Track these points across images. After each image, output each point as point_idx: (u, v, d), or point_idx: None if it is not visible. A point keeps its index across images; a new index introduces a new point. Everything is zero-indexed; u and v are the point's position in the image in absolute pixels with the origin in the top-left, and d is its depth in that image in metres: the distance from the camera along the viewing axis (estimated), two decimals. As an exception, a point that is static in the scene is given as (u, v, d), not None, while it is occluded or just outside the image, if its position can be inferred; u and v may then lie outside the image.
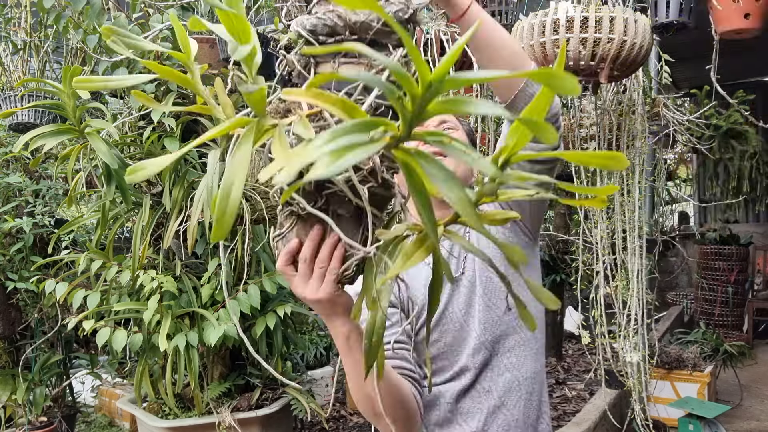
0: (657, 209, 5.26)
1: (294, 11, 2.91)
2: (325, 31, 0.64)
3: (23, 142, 2.21)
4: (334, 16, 0.64)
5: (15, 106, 2.84)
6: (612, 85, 2.74)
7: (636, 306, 2.76)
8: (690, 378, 3.77)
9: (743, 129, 4.57)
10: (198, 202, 2.34)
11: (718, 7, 2.17)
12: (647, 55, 2.03)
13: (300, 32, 0.65)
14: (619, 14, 1.90)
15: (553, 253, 5.28)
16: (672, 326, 5.09)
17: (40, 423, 3.28)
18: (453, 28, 2.23)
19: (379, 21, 0.63)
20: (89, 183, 2.98)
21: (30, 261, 3.14)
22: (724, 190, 5.20)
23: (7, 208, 3.09)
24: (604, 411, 3.07)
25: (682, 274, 7.07)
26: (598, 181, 2.79)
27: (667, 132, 3.53)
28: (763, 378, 4.80)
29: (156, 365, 2.81)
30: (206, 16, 2.82)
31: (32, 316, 3.30)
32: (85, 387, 4.05)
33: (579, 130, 2.90)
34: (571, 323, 6.23)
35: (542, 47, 1.96)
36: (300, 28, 0.65)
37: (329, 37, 0.64)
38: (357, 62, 0.65)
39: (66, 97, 2.23)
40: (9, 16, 3.11)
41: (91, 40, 2.56)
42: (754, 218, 7.70)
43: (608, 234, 2.81)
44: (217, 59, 2.53)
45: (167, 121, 2.51)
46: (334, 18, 0.63)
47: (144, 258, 2.56)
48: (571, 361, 5.68)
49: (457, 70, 2.22)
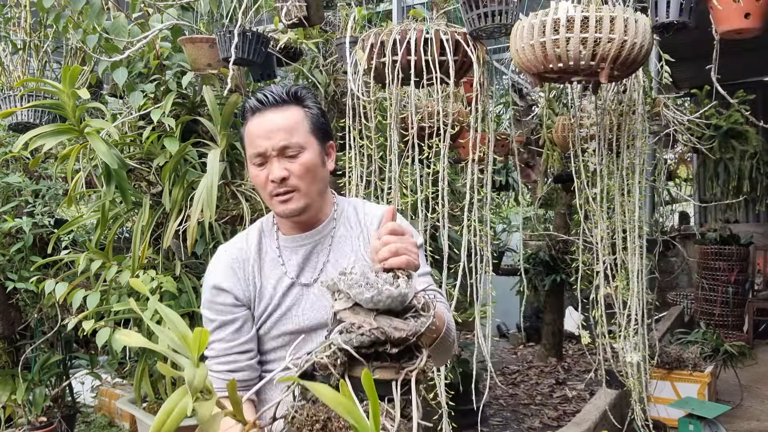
0: (657, 209, 5.26)
1: (294, 11, 2.90)
2: (367, 344, 0.78)
3: (23, 141, 2.21)
4: (379, 333, 0.78)
5: (15, 106, 2.84)
6: (612, 85, 2.73)
7: (636, 306, 2.75)
8: (690, 378, 3.77)
9: (744, 129, 4.57)
10: (198, 202, 2.34)
11: (718, 7, 2.17)
12: (647, 55, 2.03)
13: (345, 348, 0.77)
14: (620, 14, 1.90)
15: (553, 253, 5.29)
16: (672, 326, 5.09)
17: (39, 423, 3.28)
18: (453, 27, 2.23)
19: (413, 335, 0.79)
20: (89, 183, 2.97)
21: (30, 261, 3.13)
22: (724, 190, 5.20)
23: (6, 208, 3.09)
24: (604, 411, 3.07)
25: (683, 274, 7.07)
26: (598, 180, 2.79)
27: (668, 132, 3.52)
28: (763, 378, 4.79)
29: (156, 365, 2.81)
30: (206, 16, 2.82)
31: (32, 316, 3.30)
32: (85, 387, 4.05)
33: (579, 130, 2.90)
34: (571, 323, 6.24)
35: (542, 47, 1.96)
36: (348, 347, 0.77)
37: (369, 348, 0.78)
38: (389, 365, 0.78)
39: (66, 96, 2.22)
40: (9, 15, 3.11)
41: (91, 40, 2.56)
42: (754, 218, 7.70)
43: (608, 234, 2.81)
44: (217, 59, 2.53)
45: (167, 121, 2.51)
46: (378, 334, 0.77)
47: (144, 258, 2.56)
48: (572, 361, 5.68)
49: (457, 70, 2.22)
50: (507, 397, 4.66)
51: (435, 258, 2.50)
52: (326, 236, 1.30)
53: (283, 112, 1.22)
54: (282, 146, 1.20)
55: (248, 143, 1.24)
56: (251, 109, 1.24)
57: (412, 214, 2.42)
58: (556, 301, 5.47)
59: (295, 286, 1.27)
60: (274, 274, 1.27)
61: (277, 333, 1.26)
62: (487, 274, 2.41)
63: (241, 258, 1.28)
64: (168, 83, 2.67)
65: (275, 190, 1.22)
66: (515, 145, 3.03)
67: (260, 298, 1.27)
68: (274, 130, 1.20)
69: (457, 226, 2.52)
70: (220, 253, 1.31)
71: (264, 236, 1.32)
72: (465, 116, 2.95)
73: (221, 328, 1.25)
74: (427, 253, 2.39)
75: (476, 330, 2.36)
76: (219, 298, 1.26)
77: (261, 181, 1.23)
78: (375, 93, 2.41)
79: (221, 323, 1.25)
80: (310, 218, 1.27)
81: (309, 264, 1.28)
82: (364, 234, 1.31)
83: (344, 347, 0.77)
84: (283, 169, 1.20)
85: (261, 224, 1.35)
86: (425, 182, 2.34)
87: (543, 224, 6.00)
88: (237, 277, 1.26)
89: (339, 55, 2.85)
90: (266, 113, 1.22)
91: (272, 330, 1.26)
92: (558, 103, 4.12)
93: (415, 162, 2.30)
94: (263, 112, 1.23)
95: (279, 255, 1.29)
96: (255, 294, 1.27)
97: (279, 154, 1.20)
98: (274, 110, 1.22)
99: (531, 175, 4.86)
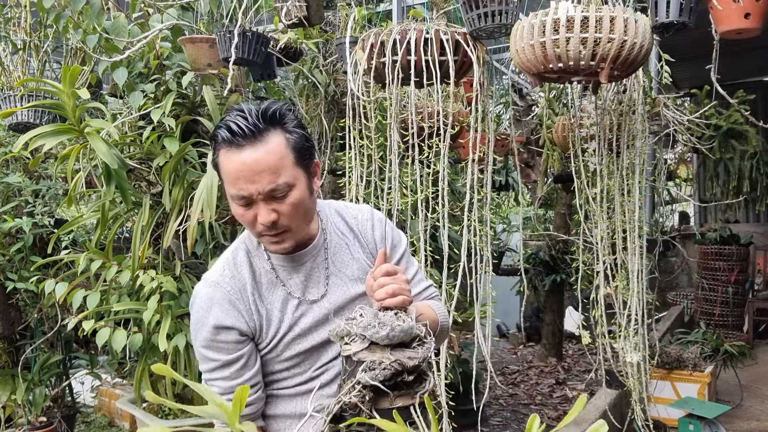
0: (657, 209, 5.26)
1: (294, 11, 2.90)
2: (389, 377, 0.89)
3: (23, 141, 2.21)
4: (397, 365, 0.89)
5: (15, 106, 2.84)
6: (612, 84, 2.73)
7: (636, 306, 2.75)
8: (690, 378, 3.77)
9: (743, 129, 4.57)
10: (198, 202, 2.34)
11: (718, 7, 2.17)
12: (647, 55, 2.03)
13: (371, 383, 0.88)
14: (620, 14, 1.90)
15: (554, 253, 5.29)
16: (672, 326, 5.09)
17: (39, 423, 3.27)
18: (453, 27, 2.23)
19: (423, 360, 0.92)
20: (89, 183, 2.97)
21: (30, 261, 3.13)
22: (724, 190, 5.20)
23: (6, 208, 3.09)
24: (604, 411, 3.07)
25: (683, 274, 7.06)
26: (598, 180, 2.79)
27: (668, 132, 3.53)
28: (763, 378, 4.79)
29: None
30: (206, 16, 2.82)
31: (32, 316, 3.30)
32: (85, 387, 4.05)
33: (579, 130, 2.90)
34: (571, 323, 6.24)
35: (542, 47, 1.96)
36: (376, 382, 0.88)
37: (390, 380, 0.89)
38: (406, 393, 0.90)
39: (66, 96, 2.22)
40: (9, 15, 3.11)
41: (91, 40, 2.56)
42: (754, 218, 7.70)
43: (608, 234, 2.81)
44: (217, 59, 2.53)
45: (167, 120, 2.51)
46: (397, 366, 0.89)
47: (144, 258, 2.56)
48: (572, 361, 5.68)
49: (457, 70, 2.22)
50: (507, 397, 4.66)
51: (435, 258, 2.51)
52: (320, 249, 1.25)
53: (265, 146, 1.08)
54: (269, 190, 1.08)
55: (228, 181, 1.11)
56: (224, 140, 1.08)
57: (412, 214, 2.42)
58: (556, 301, 5.47)
59: (303, 304, 1.22)
60: (277, 296, 1.21)
61: (290, 354, 1.21)
62: (487, 274, 2.41)
63: (237, 288, 1.19)
64: (168, 83, 2.67)
65: (266, 232, 1.13)
66: (515, 145, 3.03)
67: (268, 325, 1.20)
68: (258, 172, 1.07)
69: (457, 226, 2.52)
70: (209, 288, 1.19)
71: (252, 257, 1.23)
72: (465, 116, 2.95)
73: (225, 367, 1.18)
74: (427, 253, 2.39)
75: (476, 330, 2.36)
76: (221, 336, 1.17)
77: (248, 220, 1.13)
78: (375, 93, 2.41)
79: (225, 363, 1.17)
80: (303, 242, 1.23)
81: (312, 280, 1.23)
82: (359, 240, 1.29)
83: (372, 383, 0.87)
84: (272, 211, 1.10)
85: (244, 244, 1.25)
86: (425, 182, 2.34)
87: (543, 224, 6.00)
88: (238, 310, 1.18)
89: (339, 55, 2.85)
90: (245, 149, 1.07)
91: (285, 352, 1.21)
92: (558, 103, 4.12)
93: (415, 162, 2.30)
94: (241, 147, 1.07)
95: (276, 276, 1.22)
96: (261, 322, 1.20)
97: (266, 197, 1.09)
98: (253, 144, 1.07)
99: (531, 175, 4.86)
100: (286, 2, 2.50)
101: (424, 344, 0.95)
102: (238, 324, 1.17)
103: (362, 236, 1.30)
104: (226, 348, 1.17)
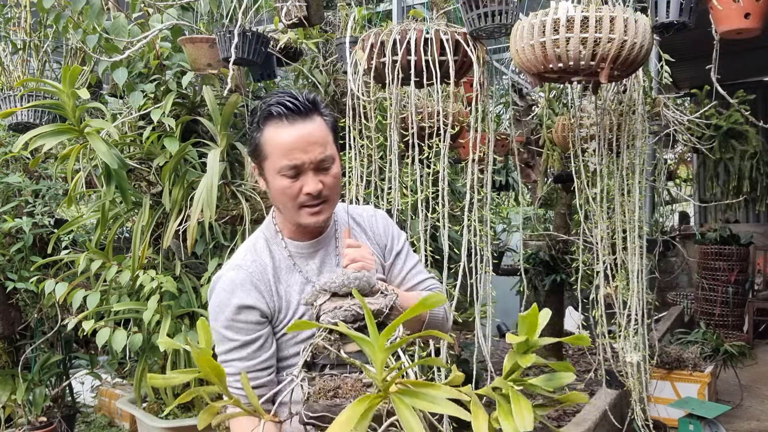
0: (657, 209, 5.25)
1: (294, 11, 2.90)
2: (350, 318, 0.95)
3: (23, 141, 2.21)
4: (357, 308, 0.96)
5: (15, 106, 2.84)
6: (612, 85, 2.73)
7: (636, 306, 2.75)
8: (690, 378, 3.77)
9: (744, 129, 4.57)
10: (198, 202, 2.34)
11: (718, 7, 2.17)
12: (647, 55, 2.03)
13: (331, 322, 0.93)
14: (620, 14, 1.90)
15: (553, 253, 5.28)
16: (672, 326, 5.09)
17: (39, 423, 3.27)
18: (453, 27, 2.23)
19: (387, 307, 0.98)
20: (89, 183, 2.97)
21: (30, 261, 3.13)
22: (724, 190, 5.20)
23: (6, 208, 3.09)
24: (604, 411, 3.07)
25: (683, 274, 7.06)
26: (598, 180, 2.79)
27: (668, 132, 3.52)
28: (763, 378, 4.79)
29: (156, 365, 2.81)
30: (206, 16, 2.82)
31: (32, 316, 3.30)
32: (85, 387, 4.05)
33: (579, 130, 2.89)
34: (571, 323, 6.23)
35: (542, 47, 1.96)
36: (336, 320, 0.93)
37: (353, 323, 0.95)
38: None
39: (66, 96, 2.22)
40: (9, 15, 3.11)
41: (91, 40, 2.56)
42: (754, 218, 7.70)
43: (608, 234, 2.81)
44: (217, 59, 2.53)
45: (167, 121, 2.51)
46: (357, 308, 0.96)
47: (144, 258, 2.56)
48: (572, 361, 5.68)
49: (457, 70, 2.22)
50: (507, 397, 4.66)
51: (435, 258, 2.50)
52: (332, 238, 1.33)
53: (313, 123, 1.20)
54: (320, 160, 1.19)
55: (279, 153, 1.19)
56: (278, 114, 1.19)
57: (412, 214, 2.42)
58: (556, 301, 5.47)
59: None
60: (295, 281, 1.27)
61: (304, 336, 1.25)
62: (487, 274, 2.41)
63: (259, 271, 1.26)
64: (168, 83, 2.67)
65: (308, 202, 1.21)
66: (515, 145, 3.03)
67: (287, 306, 1.26)
68: (312, 143, 1.19)
69: (457, 226, 2.52)
70: (232, 271, 1.26)
71: (270, 244, 1.31)
72: (465, 116, 2.95)
73: (242, 347, 1.22)
74: (427, 253, 2.39)
75: (476, 330, 2.36)
76: (242, 316, 1.22)
77: (293, 192, 1.20)
78: (375, 93, 2.41)
79: (243, 343, 1.22)
80: (318, 230, 1.30)
81: (326, 266, 1.31)
82: (366, 232, 1.38)
83: (332, 323, 0.90)
84: (319, 182, 1.20)
85: (263, 233, 1.33)
86: (425, 182, 2.34)
87: (543, 224, 6.00)
88: (259, 291, 1.23)
89: (339, 55, 2.85)
90: (297, 123, 1.19)
91: (300, 334, 1.25)
92: (558, 103, 4.12)
93: (415, 162, 2.30)
94: (293, 121, 1.19)
95: (293, 263, 1.29)
96: (281, 304, 1.25)
97: (315, 168, 1.20)
98: (304, 120, 1.19)
99: (531, 175, 4.86)
100: (286, 2, 2.50)
101: (388, 296, 1.02)
102: (259, 304, 1.23)
103: (370, 230, 1.39)
104: (246, 329, 1.22)
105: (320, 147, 1.20)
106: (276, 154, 1.20)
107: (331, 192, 1.23)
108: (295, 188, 1.20)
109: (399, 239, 1.41)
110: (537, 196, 4.81)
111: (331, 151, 1.22)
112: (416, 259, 1.43)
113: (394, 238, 1.40)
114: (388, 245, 1.38)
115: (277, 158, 1.19)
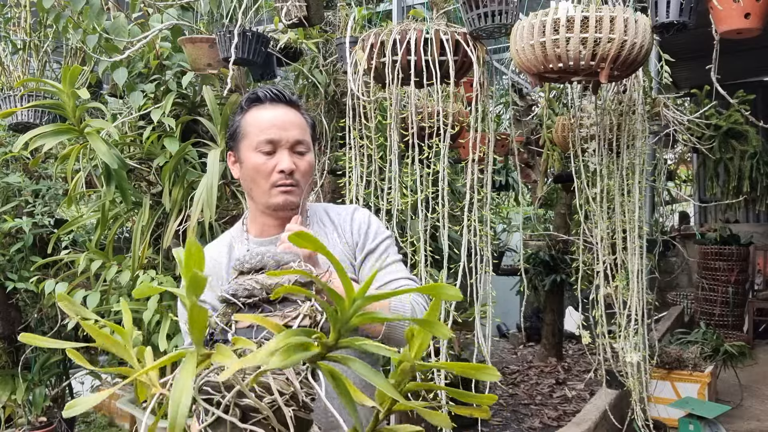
0: (657, 209, 5.26)
1: (294, 11, 2.90)
2: (244, 294, 0.86)
3: (23, 141, 2.21)
4: (253, 282, 0.86)
5: (15, 106, 2.84)
6: (612, 85, 2.73)
7: (636, 306, 2.75)
8: (690, 378, 3.77)
9: (743, 129, 4.56)
10: (198, 202, 2.34)
11: (718, 7, 2.17)
12: (647, 55, 2.03)
13: (224, 296, 0.86)
14: (620, 14, 1.90)
15: (553, 253, 5.29)
16: (672, 326, 5.09)
17: (39, 423, 3.28)
18: (453, 27, 2.23)
19: (290, 282, 0.86)
20: (89, 183, 2.97)
21: (30, 261, 3.13)
22: (724, 190, 5.20)
23: (6, 208, 3.09)
24: (604, 411, 3.07)
25: (683, 274, 7.06)
26: (598, 180, 2.79)
27: (668, 132, 3.52)
28: (763, 378, 4.79)
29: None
30: (206, 16, 2.82)
31: (32, 316, 3.30)
32: (85, 387, 4.05)
33: (579, 130, 2.90)
34: (571, 323, 6.24)
35: (542, 47, 1.96)
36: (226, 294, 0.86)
37: (248, 298, 0.86)
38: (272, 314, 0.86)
39: (66, 96, 2.22)
40: (9, 15, 3.11)
41: (91, 40, 2.56)
42: (754, 218, 7.70)
43: (608, 234, 2.81)
44: (217, 59, 2.53)
45: (167, 121, 2.51)
46: (252, 284, 0.86)
47: (144, 258, 2.56)
48: (572, 361, 5.69)
49: (457, 70, 2.22)
50: (507, 397, 4.66)
51: (435, 258, 2.50)
52: None
53: (294, 112, 1.29)
54: (296, 140, 1.26)
55: (257, 130, 1.26)
56: (262, 97, 1.27)
57: (412, 214, 2.42)
58: (556, 301, 5.48)
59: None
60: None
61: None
62: (487, 274, 2.41)
63: (211, 266, 1.31)
64: (168, 83, 2.67)
65: (281, 180, 1.25)
66: (515, 145, 3.03)
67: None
68: (289, 123, 1.26)
69: (457, 226, 2.52)
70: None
71: (234, 242, 1.36)
72: (465, 116, 2.95)
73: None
74: (427, 253, 2.39)
75: (476, 330, 2.36)
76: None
77: (267, 169, 1.25)
78: (375, 93, 2.41)
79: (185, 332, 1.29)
80: (292, 216, 1.29)
81: None
82: (338, 230, 1.37)
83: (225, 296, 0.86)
84: (293, 162, 1.25)
85: (230, 233, 1.40)
86: (425, 182, 2.34)
87: (543, 224, 6.00)
88: (210, 286, 1.24)
89: (339, 55, 2.85)
90: (278, 107, 1.28)
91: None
92: (558, 103, 4.12)
93: (415, 162, 2.30)
94: (275, 105, 1.28)
95: None
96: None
97: (290, 147, 1.26)
98: (286, 107, 1.28)
99: (531, 175, 4.86)
100: (286, 2, 2.50)
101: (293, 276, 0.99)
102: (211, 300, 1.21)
103: (340, 227, 1.38)
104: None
105: (298, 130, 1.27)
106: (254, 133, 1.26)
107: (302, 177, 1.28)
108: (270, 165, 1.25)
109: (375, 239, 1.37)
110: (537, 196, 4.81)
111: (308, 140, 1.30)
112: (394, 259, 1.38)
113: (368, 237, 1.37)
114: (359, 243, 1.35)
115: (255, 135, 1.26)
